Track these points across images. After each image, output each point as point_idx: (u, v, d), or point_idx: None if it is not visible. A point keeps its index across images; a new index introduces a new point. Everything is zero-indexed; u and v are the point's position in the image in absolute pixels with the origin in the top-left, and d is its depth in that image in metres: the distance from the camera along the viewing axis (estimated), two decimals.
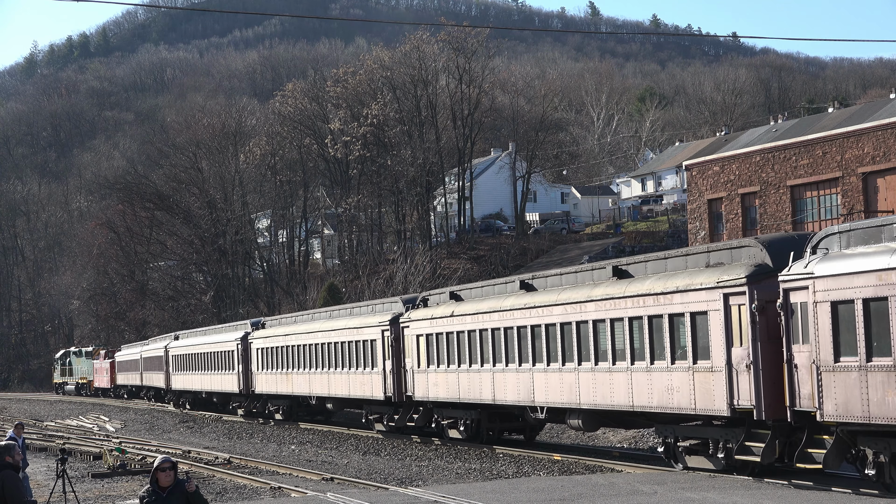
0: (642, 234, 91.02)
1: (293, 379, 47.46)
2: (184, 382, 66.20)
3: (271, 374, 50.20)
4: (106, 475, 32.45)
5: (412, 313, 37.09)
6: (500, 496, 22.26)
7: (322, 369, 44.21)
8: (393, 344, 37.78)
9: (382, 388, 38.60)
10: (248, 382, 53.31)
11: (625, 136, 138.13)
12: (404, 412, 38.35)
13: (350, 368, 41.43)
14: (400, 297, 40.28)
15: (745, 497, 20.38)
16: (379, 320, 38.96)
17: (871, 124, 52.62)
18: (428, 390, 35.93)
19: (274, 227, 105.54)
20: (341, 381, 42.46)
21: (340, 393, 42.79)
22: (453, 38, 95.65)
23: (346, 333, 41.89)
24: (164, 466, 12.90)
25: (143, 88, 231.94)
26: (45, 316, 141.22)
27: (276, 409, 51.50)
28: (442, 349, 34.80)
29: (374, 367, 39.17)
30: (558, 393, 28.84)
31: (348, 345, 41.61)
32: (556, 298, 28.85)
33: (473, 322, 33.00)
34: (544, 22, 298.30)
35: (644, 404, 25.60)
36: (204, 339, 62.56)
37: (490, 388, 32.10)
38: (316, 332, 45.03)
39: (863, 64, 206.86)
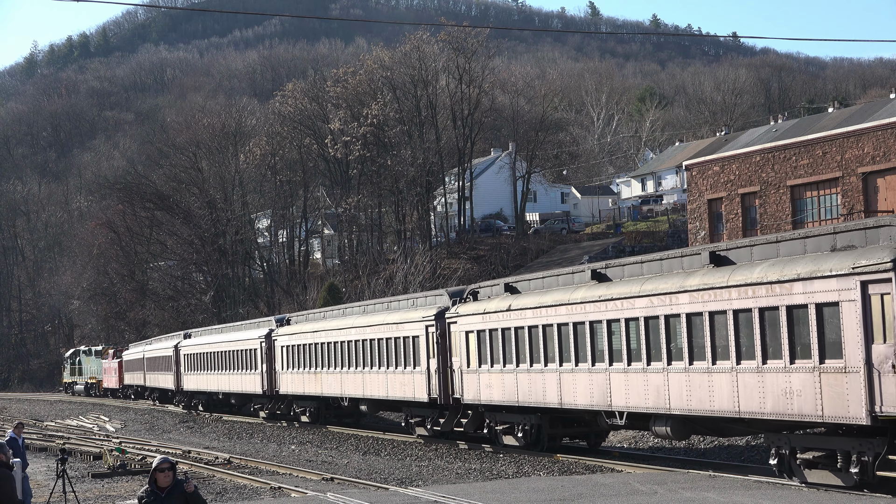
0: (642, 234, 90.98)
1: (322, 379, 44.61)
2: (197, 383, 63.18)
3: (298, 373, 47.25)
4: (106, 475, 32.47)
5: (460, 307, 34.14)
6: (500, 496, 22.25)
7: (356, 368, 41.26)
8: (438, 341, 34.94)
9: (426, 389, 35.85)
10: (272, 382, 50.35)
11: (625, 136, 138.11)
12: (451, 416, 35.59)
13: (388, 367, 38.59)
14: (445, 290, 37.33)
15: (745, 497, 20.36)
16: (422, 315, 36.09)
17: (871, 124, 52.61)
18: (479, 392, 33.02)
19: (274, 227, 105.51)
20: (378, 382, 39.56)
21: (376, 394, 39.84)
22: (453, 38, 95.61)
23: (384, 330, 38.93)
24: (162, 467, 12.90)
25: (143, 88, 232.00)
26: (45, 316, 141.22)
27: (303, 410, 48.55)
28: (496, 347, 31.78)
29: (417, 366, 36.36)
30: (641, 396, 25.67)
31: (386, 342, 38.70)
32: (640, 289, 25.60)
33: (535, 317, 29.76)
34: (544, 22, 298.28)
35: (754, 410, 22.24)
36: (221, 337, 59.51)
37: (555, 390, 29.06)
38: (349, 329, 42.01)
39: (863, 64, 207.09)
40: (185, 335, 68.18)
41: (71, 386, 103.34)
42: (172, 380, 67.81)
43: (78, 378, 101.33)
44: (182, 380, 66.00)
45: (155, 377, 73.97)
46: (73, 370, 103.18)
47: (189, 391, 65.24)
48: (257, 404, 54.36)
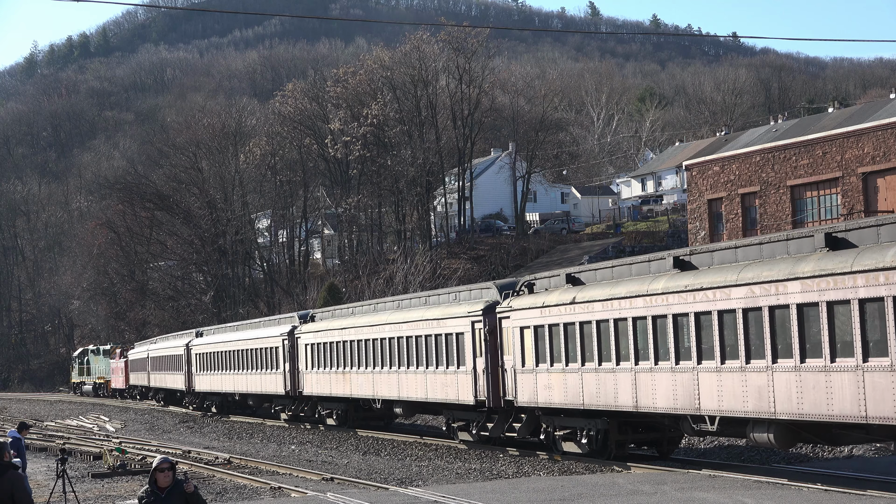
0: (642, 234, 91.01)
1: (352, 379, 41.43)
2: (210, 383, 59.79)
3: (324, 373, 43.99)
4: (106, 475, 32.46)
5: (513, 301, 31.11)
6: (500, 496, 22.25)
7: (390, 368, 38.23)
8: (487, 338, 32.01)
9: (472, 391, 32.96)
10: (296, 383, 47.04)
11: (625, 136, 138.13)
12: (501, 419, 32.67)
13: (428, 367, 35.63)
14: (494, 283, 34.15)
15: (745, 497, 20.36)
16: (468, 310, 33.14)
17: (871, 124, 52.62)
18: (536, 394, 29.88)
19: (274, 227, 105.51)
20: (416, 382, 36.58)
21: (414, 396, 36.90)
22: (453, 38, 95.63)
23: (423, 326, 35.93)
24: (162, 467, 12.90)
25: (143, 88, 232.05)
26: (45, 316, 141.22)
27: (329, 413, 45.38)
28: (557, 344, 28.76)
29: (461, 365, 33.48)
30: (739, 398, 22.58)
31: (425, 339, 35.75)
32: (737, 278, 22.68)
33: (605, 310, 26.74)
34: (544, 22, 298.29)
35: (887, 415, 19.37)
36: (237, 335, 56.21)
37: (629, 391, 26.03)
38: (382, 325, 38.97)
39: (863, 64, 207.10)
40: (197, 333, 65.46)
41: (79, 386, 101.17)
42: (183, 380, 64.93)
43: (86, 378, 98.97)
44: (193, 380, 62.96)
45: (161, 377, 71.67)
46: (81, 370, 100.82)
47: (201, 392, 62.20)
48: (279, 405, 51.21)
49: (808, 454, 28.30)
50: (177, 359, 66.29)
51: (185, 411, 65.48)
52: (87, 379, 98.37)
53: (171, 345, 69.74)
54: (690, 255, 25.38)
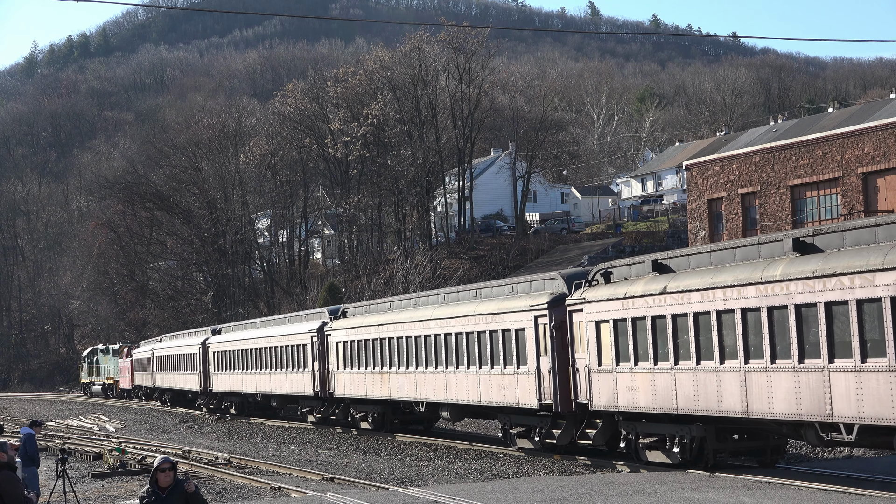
0: (642, 234, 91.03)
1: (391, 379, 38.39)
2: (230, 383, 56.42)
3: (358, 372, 41.03)
4: (106, 475, 32.46)
5: (587, 292, 27.75)
6: (500, 496, 22.26)
7: (436, 368, 35.31)
8: (553, 334, 28.74)
9: (535, 393, 29.68)
10: (325, 383, 43.97)
11: (625, 136, 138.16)
12: (570, 425, 29.35)
13: (481, 367, 32.60)
14: (559, 273, 30.73)
15: (745, 496, 20.37)
16: (530, 303, 30.01)
17: (871, 124, 52.64)
18: (616, 396, 26.68)
19: (274, 227, 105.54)
20: (466, 384, 33.51)
21: (464, 398, 33.86)
22: (453, 38, 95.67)
23: (476, 321, 32.86)
24: (163, 467, 12.91)
25: (143, 88, 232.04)
26: (45, 316, 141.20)
27: (364, 416, 42.08)
28: (643, 340, 25.64)
29: (522, 364, 30.40)
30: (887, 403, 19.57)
31: (478, 336, 32.68)
32: (882, 261, 19.49)
33: (705, 301, 23.53)
34: (544, 22, 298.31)
35: None
36: (261, 332, 53.10)
37: (737, 394, 22.75)
38: (427, 321, 35.87)
39: (863, 64, 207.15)
40: (214, 331, 62.28)
41: (88, 387, 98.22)
42: (197, 380, 61.46)
43: (95, 378, 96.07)
44: (211, 380, 59.42)
45: (170, 377, 68.63)
46: (90, 370, 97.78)
47: (219, 392, 58.73)
48: (306, 407, 47.95)
49: (809, 454, 28.30)
50: (190, 358, 63.12)
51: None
52: (97, 379, 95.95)
53: (181, 343, 67.04)
54: (813, 236, 22.03)
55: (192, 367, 62.56)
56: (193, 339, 64.44)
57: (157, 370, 72.45)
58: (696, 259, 25.08)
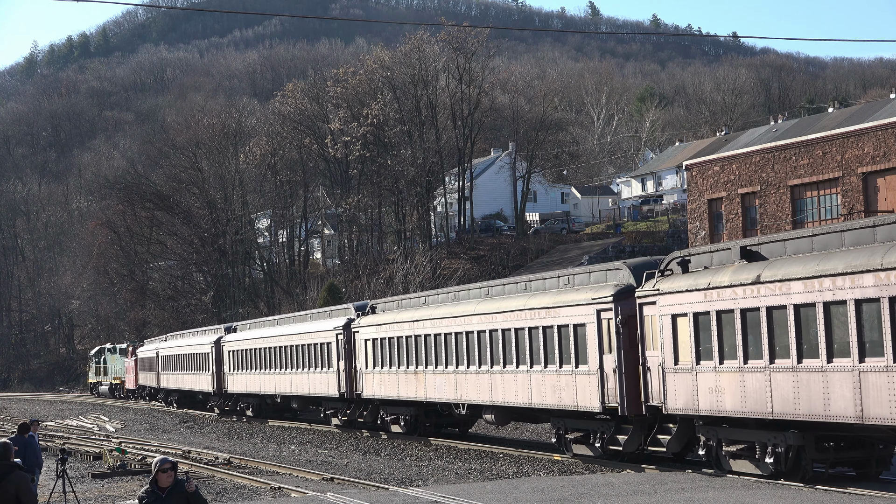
0: (642, 234, 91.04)
1: (427, 380, 36.07)
2: (246, 384, 53.89)
3: (388, 372, 38.56)
4: (106, 475, 32.47)
5: (661, 283, 25.14)
6: (500, 496, 22.25)
7: (479, 367, 32.82)
8: (620, 330, 26.32)
9: (597, 395, 27.07)
10: (352, 383, 41.62)
11: (625, 136, 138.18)
12: (637, 430, 26.52)
13: (533, 366, 29.88)
14: (625, 262, 28.22)
15: (745, 497, 20.37)
16: (592, 296, 27.37)
17: (871, 124, 52.64)
18: (696, 399, 23.83)
19: (274, 227, 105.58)
20: (515, 384, 30.84)
21: (512, 400, 31.09)
22: (453, 38, 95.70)
23: (527, 316, 30.20)
24: (164, 467, 12.89)
25: (143, 88, 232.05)
26: (45, 316, 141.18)
27: (395, 418, 39.69)
28: (730, 335, 23.14)
29: (580, 363, 27.82)
30: None
31: (529, 333, 30.01)
32: None
33: (809, 291, 20.87)
34: (544, 22, 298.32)
35: None
36: (281, 329, 50.55)
37: (850, 397, 20.07)
38: (469, 316, 33.38)
39: (863, 64, 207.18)
40: (228, 329, 59.65)
41: (96, 387, 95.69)
42: (210, 380, 58.84)
43: (103, 378, 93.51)
44: (225, 380, 56.82)
45: (178, 378, 66.21)
46: (97, 370, 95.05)
47: (235, 393, 56.18)
48: (330, 409, 45.43)
49: None
50: (202, 357, 60.45)
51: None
52: (104, 379, 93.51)
53: (191, 342, 64.32)
54: None
55: (204, 367, 59.97)
56: (205, 337, 61.68)
57: (162, 370, 70.56)
58: (794, 245, 22.44)
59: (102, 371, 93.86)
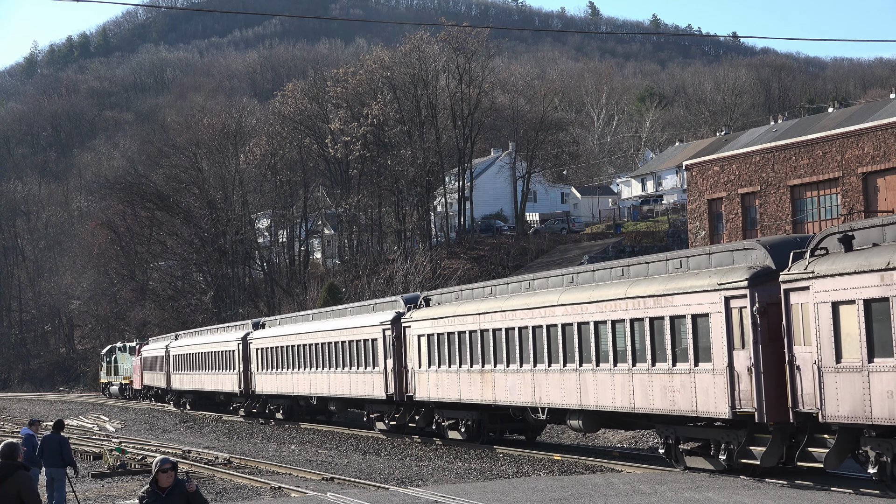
0: (642, 234, 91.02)
1: (496, 380, 32.21)
2: (277, 385, 50.21)
3: (449, 372, 34.84)
4: (106, 475, 32.47)
5: (817, 265, 21.02)
6: (500, 496, 22.26)
7: (564, 365, 28.81)
8: (757, 320, 22.16)
9: (725, 398, 22.91)
10: (402, 384, 37.89)
11: (625, 136, 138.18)
12: (778, 440, 22.54)
13: (636, 364, 25.95)
14: (758, 241, 23.89)
15: (745, 497, 20.37)
16: (718, 282, 23.25)
17: (871, 124, 52.64)
18: (868, 404, 19.84)
19: (274, 227, 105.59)
20: (612, 385, 26.72)
21: (608, 403, 27.05)
22: (453, 38, 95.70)
23: (627, 307, 26.20)
24: (165, 467, 12.89)
25: (143, 88, 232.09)
26: (45, 316, 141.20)
27: (453, 423, 36.11)
28: None
29: (701, 360, 23.71)
30: None
31: (630, 325, 25.97)
32: None
33: None
34: (544, 22, 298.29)
35: None
36: (316, 325, 46.63)
37: None
38: (551, 308, 29.43)
39: (863, 64, 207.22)
40: (256, 325, 55.28)
41: (107, 387, 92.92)
42: (236, 381, 54.91)
43: (114, 378, 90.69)
44: (253, 380, 53.25)
45: (194, 378, 62.92)
46: (108, 369, 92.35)
47: (263, 394, 52.68)
48: (375, 412, 41.69)
49: None
50: (226, 356, 56.60)
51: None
52: (114, 379, 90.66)
53: (211, 340, 60.54)
54: None
55: (228, 367, 56.24)
56: (229, 334, 57.60)
57: (174, 370, 67.27)
58: None
59: (113, 371, 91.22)
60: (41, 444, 23.68)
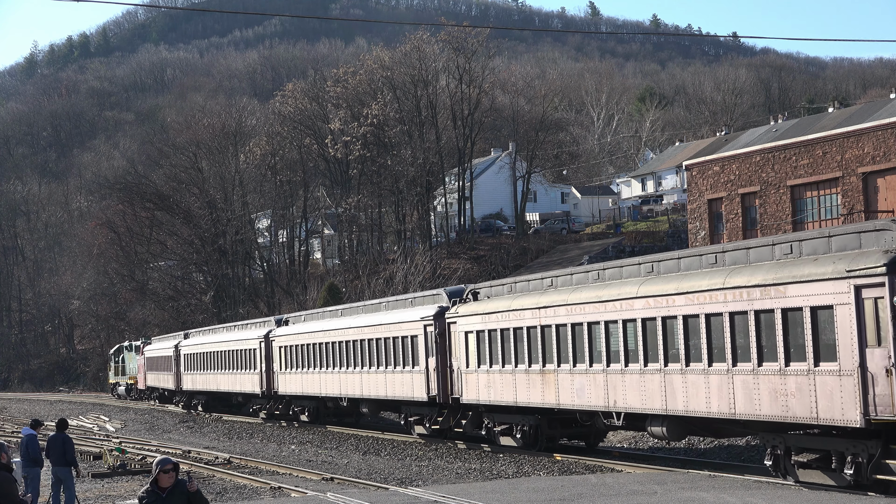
0: (642, 234, 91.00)
1: (560, 381, 28.96)
2: (303, 385, 47.13)
3: (502, 372, 31.68)
4: (106, 475, 32.50)
5: None
6: (500, 496, 22.26)
7: (645, 364, 25.66)
8: None
9: (857, 403, 19.96)
10: (447, 385, 34.90)
11: (625, 136, 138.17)
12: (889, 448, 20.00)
13: (736, 363, 22.84)
14: (893, 221, 20.58)
15: (744, 497, 20.37)
16: (845, 268, 20.28)
17: (871, 124, 52.65)
18: None
19: (274, 227, 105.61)
20: (706, 387, 23.70)
21: (699, 408, 23.95)
22: (453, 38, 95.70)
23: (725, 298, 23.05)
24: (167, 468, 12.89)
25: (143, 88, 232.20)
26: (45, 316, 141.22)
27: (506, 428, 32.87)
28: None
29: (823, 360, 20.92)
30: None
31: (729, 320, 22.92)
32: None
33: None
34: (544, 22, 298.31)
35: None
36: (347, 321, 43.54)
37: None
38: (628, 300, 26.24)
39: (863, 64, 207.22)
40: (279, 321, 52.62)
41: (115, 388, 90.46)
42: (258, 381, 52.11)
43: (121, 378, 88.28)
44: (275, 380, 50.36)
45: (209, 378, 60.12)
46: (117, 369, 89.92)
47: (287, 395, 49.87)
48: (415, 415, 38.50)
49: None
50: (246, 354, 53.80)
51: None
52: (122, 379, 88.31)
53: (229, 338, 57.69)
54: None
55: (248, 366, 53.44)
56: (250, 332, 54.82)
57: (185, 370, 64.77)
58: None
59: (121, 371, 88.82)
60: (47, 444, 23.72)
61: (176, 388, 67.59)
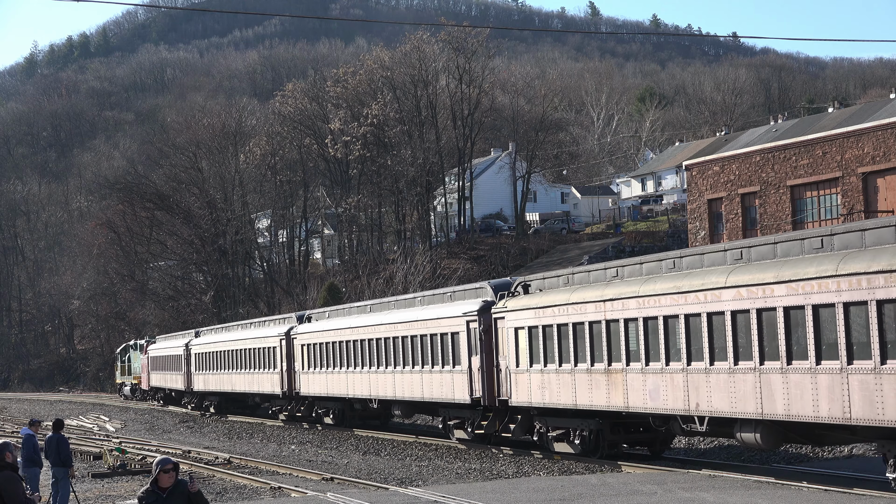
0: (642, 234, 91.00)
1: (628, 381, 26.22)
2: (327, 386, 44.21)
3: (558, 372, 28.88)
4: (106, 475, 32.49)
5: None
6: (500, 496, 22.26)
7: (735, 363, 22.78)
8: None
9: None
10: (493, 386, 32.09)
11: (625, 136, 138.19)
12: None
13: (852, 361, 19.92)
14: None
15: (744, 497, 20.37)
16: None
17: (871, 124, 52.67)
18: None
19: (274, 227, 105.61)
20: (815, 388, 20.70)
21: (805, 411, 20.99)
22: (453, 38, 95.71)
23: (834, 287, 20.11)
24: (167, 468, 12.89)
25: (143, 88, 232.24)
26: (45, 316, 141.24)
27: (561, 434, 29.94)
28: None
29: None
30: None
31: (850, 310, 19.90)
32: None
33: None
34: (544, 22, 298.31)
35: None
36: (375, 318, 40.75)
37: None
38: (712, 291, 23.38)
39: (863, 64, 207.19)
40: (301, 318, 49.46)
41: (121, 388, 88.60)
42: (278, 381, 49.18)
43: (127, 378, 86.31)
44: (297, 380, 47.42)
45: (223, 378, 57.50)
46: (123, 369, 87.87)
47: (310, 396, 46.92)
48: (455, 418, 35.80)
49: (808, 454, 28.31)
50: (265, 353, 51.12)
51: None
52: (127, 379, 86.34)
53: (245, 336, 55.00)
54: None
55: (267, 365, 50.73)
56: (269, 329, 52.28)
57: (196, 370, 62.44)
58: None
59: (127, 370, 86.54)
60: (45, 444, 23.75)
61: (186, 389, 65.07)
